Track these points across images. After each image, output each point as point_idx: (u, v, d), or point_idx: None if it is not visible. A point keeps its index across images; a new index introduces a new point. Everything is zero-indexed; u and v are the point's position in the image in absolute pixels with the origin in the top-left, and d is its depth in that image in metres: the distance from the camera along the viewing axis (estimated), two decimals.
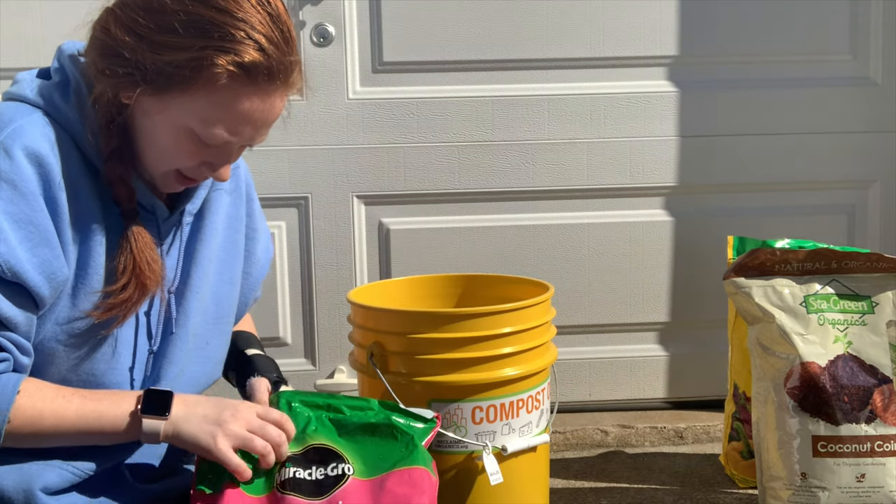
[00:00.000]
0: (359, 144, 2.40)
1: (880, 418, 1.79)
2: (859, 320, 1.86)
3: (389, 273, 2.46)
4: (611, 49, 2.45)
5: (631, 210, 2.51)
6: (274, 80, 1.20)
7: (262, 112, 1.22)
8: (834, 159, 2.53)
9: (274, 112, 1.24)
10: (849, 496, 1.78)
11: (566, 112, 2.46)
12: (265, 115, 1.22)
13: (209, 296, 1.37)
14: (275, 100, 1.22)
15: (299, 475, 1.24)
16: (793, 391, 1.81)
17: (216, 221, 1.39)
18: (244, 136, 1.23)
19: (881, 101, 2.52)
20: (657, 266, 2.52)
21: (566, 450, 2.40)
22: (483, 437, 1.66)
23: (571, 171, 2.47)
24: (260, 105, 1.21)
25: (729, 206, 2.52)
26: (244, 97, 1.19)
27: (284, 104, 1.26)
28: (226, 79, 1.16)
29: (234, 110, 1.19)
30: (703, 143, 2.50)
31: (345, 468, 1.25)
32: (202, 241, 1.36)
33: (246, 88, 1.18)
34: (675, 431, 2.43)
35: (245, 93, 1.18)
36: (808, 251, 1.89)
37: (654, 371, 2.56)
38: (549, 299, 1.77)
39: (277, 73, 1.19)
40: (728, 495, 2.09)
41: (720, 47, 2.47)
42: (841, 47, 2.51)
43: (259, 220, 1.50)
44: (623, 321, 2.54)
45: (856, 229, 2.56)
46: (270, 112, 1.23)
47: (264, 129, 1.25)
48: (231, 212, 1.42)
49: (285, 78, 1.22)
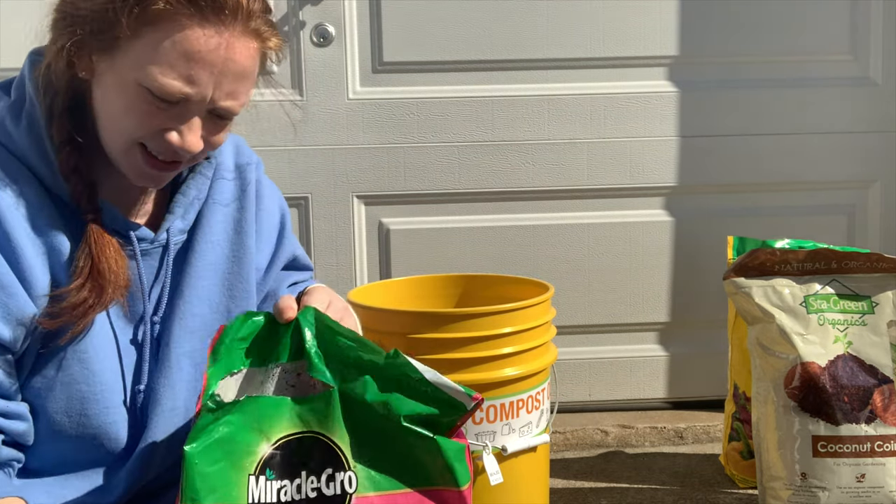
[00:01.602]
0: (359, 144, 2.40)
1: (880, 418, 1.79)
2: (859, 320, 1.86)
3: (389, 273, 2.46)
4: (611, 49, 2.45)
5: (631, 210, 2.51)
6: (222, 12, 1.09)
7: (217, 53, 1.09)
8: (834, 159, 2.53)
9: (235, 59, 1.12)
10: (849, 496, 1.78)
11: (566, 112, 2.46)
12: (221, 57, 1.10)
13: (207, 320, 1.27)
14: (233, 41, 1.10)
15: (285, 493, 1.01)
16: (793, 391, 1.81)
17: (213, 237, 1.28)
18: (201, 85, 1.10)
19: (881, 101, 2.52)
20: (657, 266, 2.52)
21: (566, 450, 2.40)
22: (483, 437, 1.66)
23: (571, 171, 2.47)
24: (213, 42, 1.09)
25: (729, 206, 2.52)
26: (190, 31, 1.08)
27: (251, 55, 1.14)
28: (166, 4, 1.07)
29: (182, 48, 1.08)
30: (703, 143, 2.50)
31: (344, 481, 1.02)
32: (195, 260, 1.26)
33: (191, 20, 1.08)
34: (675, 431, 2.43)
35: (191, 25, 1.08)
36: (808, 251, 1.89)
37: (654, 371, 2.56)
38: (549, 299, 1.77)
39: (226, 4, 1.09)
40: (728, 495, 2.09)
41: (720, 47, 2.47)
42: (841, 47, 2.51)
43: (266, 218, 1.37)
44: (623, 321, 2.54)
45: (856, 229, 2.56)
46: (229, 56, 1.11)
47: (228, 81, 1.12)
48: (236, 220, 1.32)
49: (242, 16, 1.10)
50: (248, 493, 0.98)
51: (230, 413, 1.02)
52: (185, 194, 1.26)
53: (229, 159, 1.34)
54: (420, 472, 1.04)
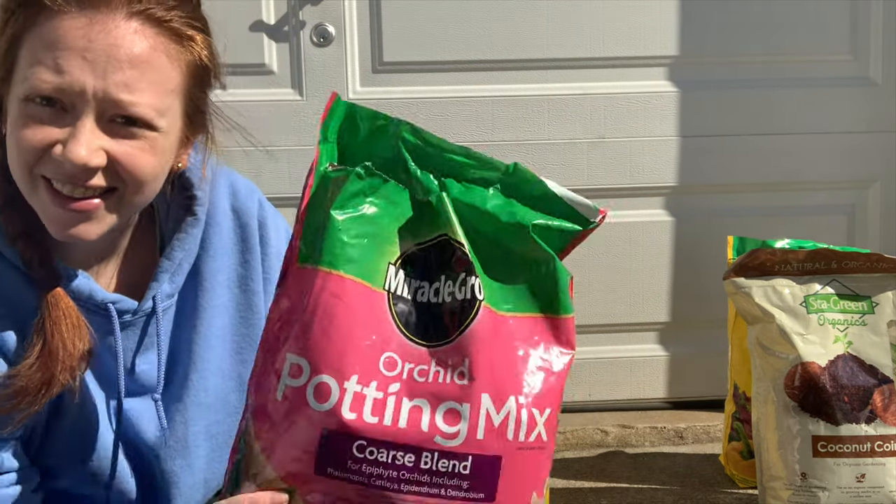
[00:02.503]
0: None
1: (880, 418, 1.79)
2: (859, 320, 1.86)
3: None
4: (611, 49, 2.45)
5: (631, 210, 2.50)
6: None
7: (88, 38, 0.96)
8: (834, 159, 2.53)
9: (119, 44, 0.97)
10: (849, 496, 1.78)
11: (566, 112, 2.46)
12: (99, 43, 0.96)
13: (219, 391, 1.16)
14: (112, 25, 0.97)
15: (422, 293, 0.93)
16: (793, 391, 1.81)
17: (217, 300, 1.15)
18: (72, 73, 0.95)
19: (881, 101, 2.52)
20: (657, 266, 2.52)
21: (566, 450, 2.40)
22: None
23: (571, 171, 2.47)
24: (80, 25, 0.96)
25: (729, 206, 2.51)
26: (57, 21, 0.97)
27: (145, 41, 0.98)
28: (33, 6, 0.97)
29: (47, 39, 0.97)
30: (703, 143, 2.49)
31: (475, 286, 0.92)
32: (202, 328, 1.14)
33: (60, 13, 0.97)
34: (675, 431, 2.43)
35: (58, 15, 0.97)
36: (808, 251, 1.89)
37: (654, 371, 2.56)
38: None
39: None
40: (728, 495, 2.09)
41: (720, 47, 2.47)
42: (841, 47, 2.50)
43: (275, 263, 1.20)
44: (623, 321, 2.54)
45: (856, 229, 2.56)
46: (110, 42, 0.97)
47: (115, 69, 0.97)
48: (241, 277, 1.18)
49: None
50: (386, 279, 0.91)
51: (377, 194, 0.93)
52: (171, 258, 1.11)
53: (223, 201, 1.18)
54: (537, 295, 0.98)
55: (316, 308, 0.88)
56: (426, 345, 0.90)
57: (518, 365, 0.91)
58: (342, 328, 0.87)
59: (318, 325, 0.87)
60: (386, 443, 0.85)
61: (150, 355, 1.11)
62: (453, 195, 0.95)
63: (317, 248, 0.90)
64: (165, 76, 1.00)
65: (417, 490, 0.85)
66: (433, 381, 0.88)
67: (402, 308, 0.92)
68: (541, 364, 0.93)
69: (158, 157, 1.02)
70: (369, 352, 0.87)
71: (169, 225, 1.15)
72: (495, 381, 0.89)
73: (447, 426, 0.86)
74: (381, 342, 0.89)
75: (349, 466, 0.84)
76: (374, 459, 0.84)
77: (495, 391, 0.88)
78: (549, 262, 0.98)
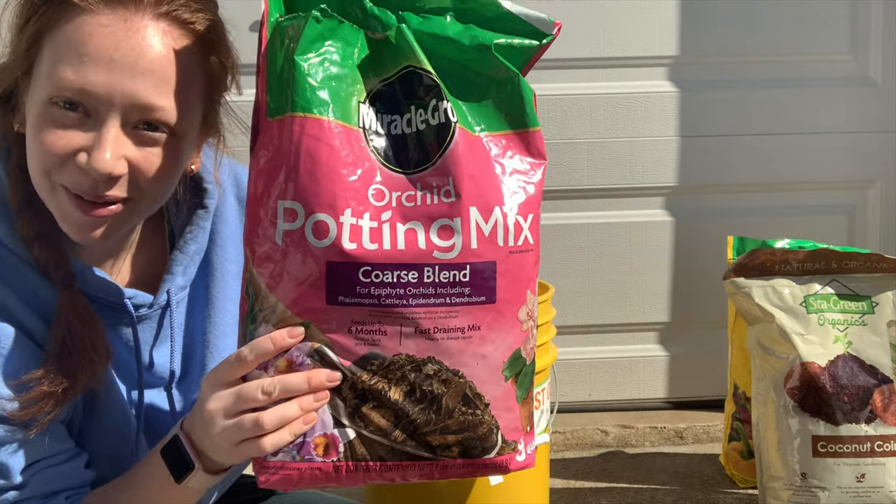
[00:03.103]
0: None
1: (880, 418, 1.79)
2: (859, 320, 1.86)
3: None
4: (611, 49, 2.45)
5: (631, 210, 2.51)
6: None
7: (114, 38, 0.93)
8: (834, 159, 2.53)
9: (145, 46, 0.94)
10: (849, 496, 1.78)
11: (566, 112, 2.46)
12: (123, 41, 0.93)
13: None
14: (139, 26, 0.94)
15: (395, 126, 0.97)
16: (793, 391, 1.81)
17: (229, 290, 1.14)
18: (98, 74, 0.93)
19: (881, 101, 2.52)
20: (657, 266, 2.52)
21: (566, 450, 2.40)
22: None
23: (571, 171, 2.47)
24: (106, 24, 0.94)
25: (729, 206, 2.52)
26: (81, 19, 0.94)
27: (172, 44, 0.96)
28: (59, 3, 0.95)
29: (73, 38, 0.94)
30: (703, 143, 2.50)
31: (447, 109, 0.95)
32: (217, 318, 1.14)
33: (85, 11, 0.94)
34: (675, 431, 2.43)
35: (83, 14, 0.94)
36: (808, 251, 1.89)
37: (654, 371, 2.56)
38: (549, 299, 1.77)
39: None
40: (728, 495, 2.09)
41: (720, 47, 2.47)
42: (841, 47, 2.51)
43: None
44: (623, 321, 2.54)
45: (856, 229, 2.56)
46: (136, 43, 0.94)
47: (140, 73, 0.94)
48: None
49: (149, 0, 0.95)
50: (359, 117, 0.94)
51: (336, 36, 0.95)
52: (185, 251, 1.11)
53: (229, 192, 1.18)
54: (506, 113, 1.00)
55: (299, 153, 0.91)
56: (409, 172, 0.95)
57: (498, 179, 0.96)
58: (327, 168, 0.91)
59: (304, 169, 0.91)
60: (389, 265, 0.90)
61: (166, 347, 1.11)
62: (413, 26, 0.97)
63: (287, 98, 0.92)
64: (190, 80, 0.99)
65: (425, 301, 0.91)
66: (422, 204, 0.93)
67: (379, 143, 0.96)
68: (518, 176, 0.98)
69: (177, 163, 1.02)
70: (357, 186, 0.92)
71: (179, 219, 1.14)
72: (480, 195, 0.94)
73: (442, 241, 0.92)
74: (366, 176, 0.93)
75: (358, 291, 0.90)
76: (380, 282, 0.90)
77: (481, 204, 0.94)
78: (514, 79, 0.99)
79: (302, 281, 0.90)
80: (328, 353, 0.91)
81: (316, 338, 0.91)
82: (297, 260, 0.90)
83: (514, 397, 0.98)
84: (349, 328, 0.91)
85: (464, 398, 0.93)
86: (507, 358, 0.96)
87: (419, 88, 0.97)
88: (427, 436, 0.93)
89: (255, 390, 0.90)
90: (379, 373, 0.91)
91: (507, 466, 0.98)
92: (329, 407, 0.92)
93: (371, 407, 0.92)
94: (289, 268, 0.91)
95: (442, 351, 0.92)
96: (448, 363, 0.92)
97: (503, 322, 0.95)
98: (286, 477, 0.93)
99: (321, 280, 0.90)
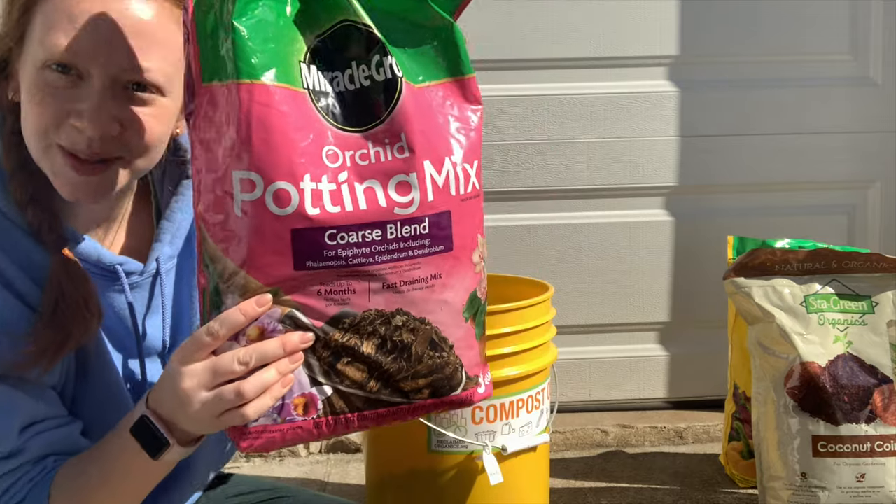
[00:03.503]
0: None
1: (880, 418, 1.80)
2: (859, 320, 1.86)
3: None
4: (611, 49, 2.45)
5: (631, 210, 2.51)
6: None
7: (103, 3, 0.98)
8: (834, 159, 2.53)
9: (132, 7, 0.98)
10: (849, 496, 1.78)
11: (566, 112, 2.46)
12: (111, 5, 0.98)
13: None
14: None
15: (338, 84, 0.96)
16: (793, 391, 1.81)
17: None
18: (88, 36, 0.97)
19: (881, 101, 2.52)
20: (657, 266, 2.52)
21: (566, 450, 2.40)
22: (483, 437, 1.66)
23: (571, 171, 2.47)
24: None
25: (729, 206, 2.52)
26: None
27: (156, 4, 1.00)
28: None
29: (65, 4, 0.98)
30: (703, 143, 2.50)
31: (392, 64, 0.96)
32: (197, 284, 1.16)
33: None
34: (675, 431, 2.43)
35: None
36: (808, 251, 1.89)
37: (654, 371, 2.56)
38: (549, 299, 1.77)
39: None
40: (728, 495, 2.09)
41: (720, 47, 2.47)
42: (841, 47, 2.50)
43: None
44: (623, 321, 2.54)
45: (856, 229, 2.56)
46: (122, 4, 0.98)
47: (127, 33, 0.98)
48: None
49: None
50: (302, 78, 0.94)
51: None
52: (172, 220, 1.14)
53: None
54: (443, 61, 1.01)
55: (250, 122, 0.90)
56: (359, 130, 0.95)
57: (445, 129, 0.98)
58: (281, 134, 0.90)
59: (258, 138, 0.90)
60: (353, 226, 0.92)
61: (158, 317, 1.13)
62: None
63: (228, 64, 0.91)
64: (176, 42, 1.01)
65: (390, 257, 0.93)
66: (376, 161, 0.94)
67: (325, 102, 0.95)
68: (460, 124, 1.00)
69: (166, 123, 1.05)
70: (311, 150, 0.92)
71: (164, 189, 1.17)
72: (432, 148, 0.96)
73: (401, 197, 0.94)
74: (319, 139, 0.93)
75: (325, 255, 0.91)
76: (346, 243, 0.92)
77: (433, 157, 0.96)
78: (449, 27, 1.01)
79: (267, 250, 0.91)
80: (300, 316, 0.92)
81: (286, 303, 0.92)
82: (259, 230, 0.90)
83: (473, 336, 1.03)
84: (318, 291, 0.92)
85: (431, 343, 0.97)
86: (466, 300, 1.00)
87: (359, 43, 0.96)
88: (400, 382, 0.96)
89: (231, 362, 0.91)
90: (350, 330, 0.93)
91: (471, 400, 1.04)
92: (304, 367, 0.93)
93: (346, 363, 0.94)
94: (251, 238, 0.90)
95: (408, 302, 0.95)
96: (414, 312, 0.95)
97: (460, 267, 0.99)
98: (269, 440, 0.94)
99: (287, 247, 0.90)
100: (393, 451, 1.75)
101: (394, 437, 1.73)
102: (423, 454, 1.69)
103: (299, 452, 2.38)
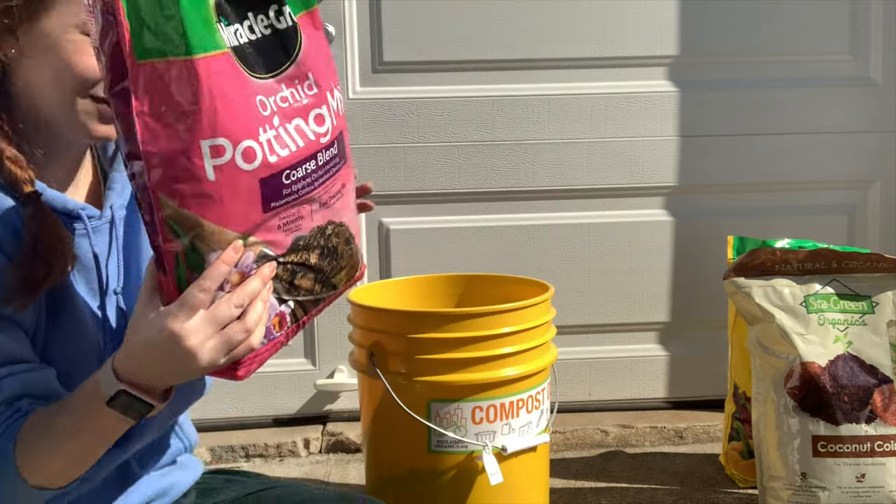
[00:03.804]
0: (359, 144, 2.40)
1: (880, 418, 1.80)
2: (859, 320, 1.86)
3: (390, 273, 2.46)
4: (611, 49, 2.45)
5: (631, 210, 2.51)
6: None
7: None
8: (834, 159, 2.53)
9: None
10: (849, 496, 1.78)
11: (566, 112, 2.46)
12: None
13: None
14: None
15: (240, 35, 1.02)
16: (793, 391, 1.81)
17: None
18: None
19: (881, 101, 2.52)
20: (657, 266, 2.52)
21: (566, 450, 2.40)
22: (483, 437, 1.66)
23: (571, 171, 2.47)
24: None
25: (729, 206, 2.52)
26: None
27: None
28: None
29: None
30: (703, 143, 2.50)
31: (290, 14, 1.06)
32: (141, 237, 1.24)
33: None
34: (675, 431, 2.43)
35: None
36: (808, 251, 1.89)
37: (654, 371, 2.56)
38: (549, 299, 1.77)
39: None
40: (728, 495, 2.09)
41: (720, 47, 2.47)
42: (841, 47, 2.51)
43: None
44: (623, 321, 2.54)
45: (856, 229, 2.56)
46: None
47: None
48: None
49: None
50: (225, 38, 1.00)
51: None
52: (121, 171, 1.24)
53: None
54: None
55: (212, 91, 0.97)
56: (272, 76, 1.04)
57: (327, 60, 1.10)
58: (234, 98, 0.99)
59: (221, 105, 0.97)
60: (298, 162, 1.03)
61: (113, 260, 1.23)
62: None
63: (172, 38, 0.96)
64: None
65: (322, 181, 1.07)
66: (294, 102, 1.05)
67: (240, 55, 1.02)
68: (328, 52, 1.12)
69: None
70: (252, 104, 1.01)
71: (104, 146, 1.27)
72: (327, 80, 1.09)
73: (320, 127, 1.06)
74: (251, 92, 1.01)
75: (283, 193, 1.03)
76: (296, 178, 1.04)
77: (330, 88, 1.09)
78: None
79: (242, 203, 1.00)
80: (269, 252, 1.03)
81: (255, 244, 1.02)
82: (233, 186, 0.99)
83: (358, 222, 1.20)
84: (279, 225, 1.04)
85: (346, 240, 1.13)
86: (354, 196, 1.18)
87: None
88: (332, 278, 1.12)
89: (229, 308, 1.00)
90: (302, 249, 1.06)
91: (362, 273, 1.21)
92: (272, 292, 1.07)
93: (300, 277, 1.07)
94: (226, 196, 0.99)
95: (334, 213, 1.10)
96: (336, 220, 1.11)
97: (348, 171, 1.15)
98: (259, 361, 1.06)
99: (257, 196, 1.01)
100: (393, 451, 1.75)
101: (394, 437, 1.73)
102: (423, 454, 1.69)
103: (299, 452, 2.38)
